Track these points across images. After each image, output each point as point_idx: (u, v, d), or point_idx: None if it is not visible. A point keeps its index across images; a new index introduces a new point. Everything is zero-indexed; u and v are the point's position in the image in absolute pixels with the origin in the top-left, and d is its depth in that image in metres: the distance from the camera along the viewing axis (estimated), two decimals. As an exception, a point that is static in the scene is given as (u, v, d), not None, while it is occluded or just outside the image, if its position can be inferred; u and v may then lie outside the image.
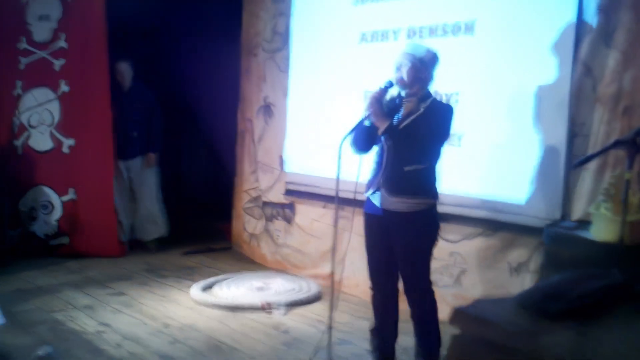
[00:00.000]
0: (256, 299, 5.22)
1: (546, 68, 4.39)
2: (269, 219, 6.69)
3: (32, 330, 4.49)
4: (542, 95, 4.43)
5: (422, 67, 3.67)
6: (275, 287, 5.60)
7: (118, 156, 6.78)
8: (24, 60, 6.71)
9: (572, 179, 4.33)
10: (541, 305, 2.70)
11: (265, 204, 6.73)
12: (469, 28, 4.81)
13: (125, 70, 6.88)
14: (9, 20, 6.73)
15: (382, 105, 3.65)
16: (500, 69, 4.65)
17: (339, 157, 3.59)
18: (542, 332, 2.45)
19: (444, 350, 3.66)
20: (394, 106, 3.75)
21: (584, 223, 4.05)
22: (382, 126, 3.60)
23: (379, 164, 3.75)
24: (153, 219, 7.18)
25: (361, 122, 3.73)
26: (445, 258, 4.88)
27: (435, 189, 3.74)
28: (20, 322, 4.64)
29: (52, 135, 6.67)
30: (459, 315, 2.81)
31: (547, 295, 2.74)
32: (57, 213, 6.67)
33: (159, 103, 7.17)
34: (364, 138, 3.78)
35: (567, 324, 2.60)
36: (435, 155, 3.70)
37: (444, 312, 3.93)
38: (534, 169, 4.48)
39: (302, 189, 6.22)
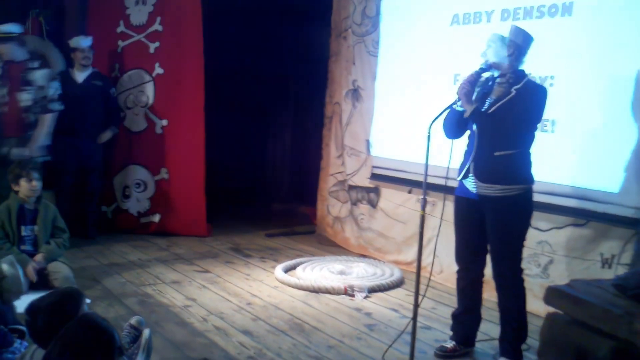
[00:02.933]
0: (339, 282, 5.24)
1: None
2: (354, 202, 6.69)
3: (123, 302, 4.68)
4: (638, 80, 4.20)
5: (513, 49, 3.57)
6: (357, 271, 5.60)
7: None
8: (121, 44, 6.95)
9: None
10: (639, 289, 2.58)
11: (351, 187, 6.73)
12: (567, 9, 4.62)
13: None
14: (108, 5, 6.99)
15: (473, 89, 3.58)
16: (598, 52, 4.44)
17: (428, 141, 3.53)
18: (639, 316, 2.34)
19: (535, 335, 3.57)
20: (487, 89, 3.67)
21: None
22: (469, 110, 3.55)
23: (470, 148, 3.68)
24: None
25: (451, 107, 3.67)
26: (533, 247, 4.73)
27: (529, 173, 3.64)
28: (113, 294, 4.84)
29: (146, 116, 6.88)
30: (554, 293, 2.72)
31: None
32: (150, 191, 6.89)
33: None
34: (454, 123, 3.73)
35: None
36: (527, 139, 3.60)
37: (529, 303, 3.84)
38: (629, 157, 4.27)
39: (388, 173, 6.18)
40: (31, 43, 6.74)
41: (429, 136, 3.52)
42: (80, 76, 6.40)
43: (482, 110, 3.60)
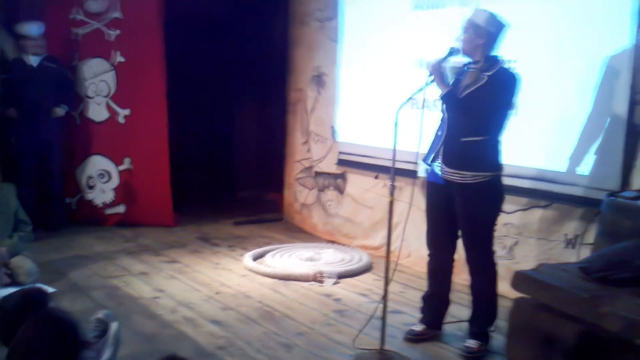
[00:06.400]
0: (308, 268, 5.25)
1: (610, 36, 4.21)
2: (321, 189, 6.69)
3: (90, 295, 4.62)
4: (603, 64, 4.26)
5: (485, 35, 3.57)
6: (326, 258, 5.61)
7: None
8: (79, 31, 6.79)
9: (632, 148, 4.18)
10: (604, 272, 2.62)
11: (318, 174, 6.73)
12: (531, -8, 4.65)
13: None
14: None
15: (442, 73, 3.59)
16: (563, 36, 4.47)
17: (395, 128, 3.54)
18: (605, 299, 2.38)
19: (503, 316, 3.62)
20: (459, 75, 3.68)
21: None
22: (443, 90, 3.56)
23: (441, 132, 3.69)
24: None
25: (420, 91, 3.68)
26: (498, 229, 4.78)
27: (498, 160, 3.67)
28: (79, 287, 4.78)
29: (108, 106, 6.77)
30: (521, 278, 2.75)
31: (610, 262, 2.67)
32: (114, 182, 6.80)
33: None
34: None
35: (630, 290, 2.52)
36: (497, 126, 3.62)
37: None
38: (593, 139, 4.33)
39: (354, 159, 6.20)
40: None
41: (396, 123, 3.52)
42: (34, 60, 6.30)
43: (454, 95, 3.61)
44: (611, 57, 4.23)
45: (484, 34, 3.57)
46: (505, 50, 4.51)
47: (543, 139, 4.60)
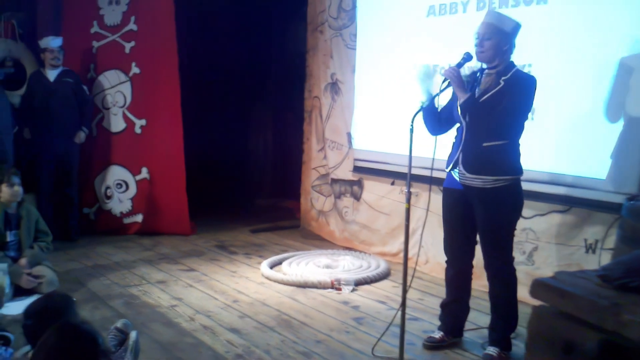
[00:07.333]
0: (325, 276, 5.24)
1: (623, 38, 4.19)
2: (338, 196, 6.69)
3: (109, 304, 4.64)
4: (620, 66, 4.23)
5: (504, 39, 3.54)
6: (344, 265, 5.60)
7: None
8: (96, 44, 6.88)
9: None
10: (625, 279, 2.59)
11: (334, 181, 6.73)
12: (542, -3, 4.64)
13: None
14: (82, 6, 6.91)
15: (461, 79, 3.56)
16: (576, 39, 4.46)
17: (411, 134, 3.53)
18: (626, 307, 2.35)
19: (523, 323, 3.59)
20: (474, 80, 3.66)
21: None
22: (462, 98, 3.54)
23: (459, 140, 3.68)
24: None
25: (433, 98, 3.67)
26: (517, 234, 4.74)
27: (518, 164, 3.64)
28: (98, 296, 4.80)
29: (124, 116, 6.83)
30: (540, 286, 2.72)
31: (630, 269, 2.63)
32: (132, 192, 6.84)
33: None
34: (431, 119, 3.73)
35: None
36: (516, 130, 3.59)
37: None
38: (612, 143, 4.29)
39: (370, 165, 6.19)
40: (4, 47, 6.70)
41: (411, 129, 3.51)
42: (51, 75, 6.39)
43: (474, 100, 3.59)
44: (626, 58, 4.20)
45: (508, 39, 3.55)
46: (521, 54, 4.51)
47: (560, 142, 4.57)
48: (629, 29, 4.17)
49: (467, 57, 3.63)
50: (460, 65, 3.61)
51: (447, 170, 3.76)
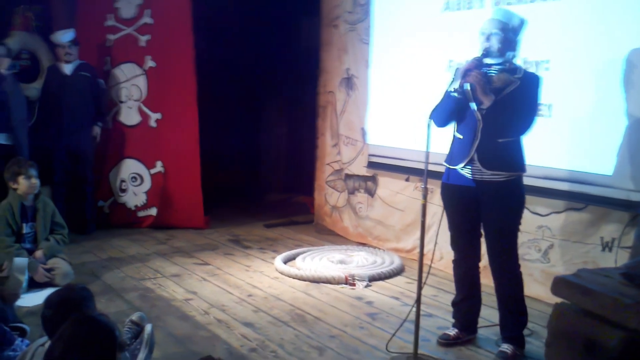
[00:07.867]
0: (339, 271, 5.24)
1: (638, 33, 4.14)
2: (352, 191, 6.67)
3: (124, 297, 4.66)
4: (634, 61, 4.18)
5: (511, 34, 3.59)
6: (358, 260, 5.60)
7: None
8: (111, 37, 6.89)
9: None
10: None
11: (348, 176, 6.72)
12: (559, -8, 4.59)
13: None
14: (97, -1, 6.94)
15: (484, 82, 3.54)
16: (590, 35, 4.40)
17: (428, 129, 3.52)
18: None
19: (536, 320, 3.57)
20: (487, 78, 3.65)
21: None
22: (487, 102, 3.54)
23: (472, 136, 3.65)
24: None
25: (449, 93, 3.65)
26: (533, 231, 4.74)
27: (524, 160, 3.68)
28: (113, 289, 4.82)
29: (139, 110, 6.84)
30: (561, 284, 2.69)
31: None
32: (146, 185, 6.87)
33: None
34: (453, 110, 3.70)
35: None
36: (526, 127, 3.61)
37: (530, 287, 3.84)
38: (630, 141, 4.25)
39: (385, 161, 6.16)
40: (20, 39, 6.73)
41: (429, 124, 3.51)
42: (67, 68, 6.40)
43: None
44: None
45: (515, 35, 3.62)
46: (537, 51, 4.49)
47: (578, 139, 4.52)
48: (636, 23, 4.12)
49: (485, 54, 3.62)
50: (479, 65, 3.58)
51: (458, 167, 3.73)
